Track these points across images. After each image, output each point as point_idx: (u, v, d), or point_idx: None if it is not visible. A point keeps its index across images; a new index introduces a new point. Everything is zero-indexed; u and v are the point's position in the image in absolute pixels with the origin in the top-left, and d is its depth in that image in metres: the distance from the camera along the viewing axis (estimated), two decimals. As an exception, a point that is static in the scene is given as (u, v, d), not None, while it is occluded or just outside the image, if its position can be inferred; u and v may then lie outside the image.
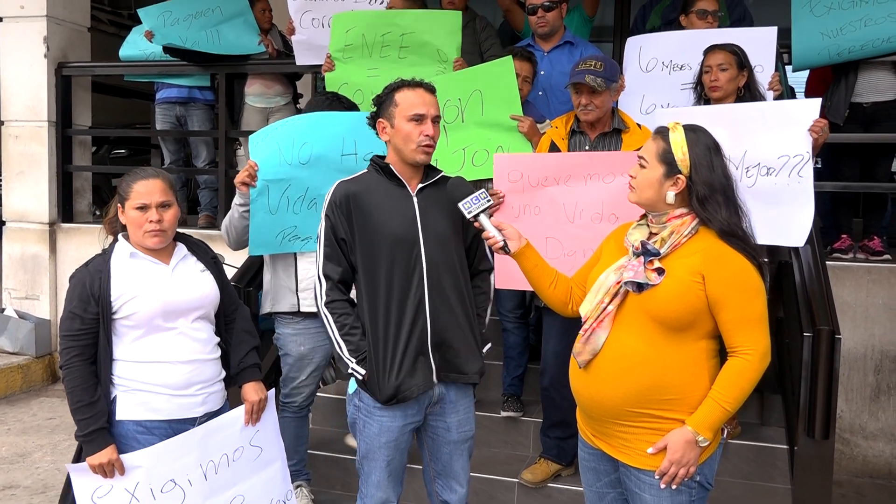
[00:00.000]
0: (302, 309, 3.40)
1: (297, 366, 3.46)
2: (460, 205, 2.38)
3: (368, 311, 2.53)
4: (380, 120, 2.59)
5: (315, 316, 3.38)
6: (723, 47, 3.53)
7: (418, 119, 2.51)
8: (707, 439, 2.09)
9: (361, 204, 2.54)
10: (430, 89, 2.58)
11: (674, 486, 2.12)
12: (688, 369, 2.12)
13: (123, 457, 2.43)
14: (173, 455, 2.48)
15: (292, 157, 3.26)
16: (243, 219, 3.30)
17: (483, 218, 2.38)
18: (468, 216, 2.38)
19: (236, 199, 3.30)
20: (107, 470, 2.40)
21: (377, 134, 2.64)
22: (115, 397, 2.49)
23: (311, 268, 3.38)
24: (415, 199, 2.58)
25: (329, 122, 3.33)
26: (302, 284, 3.40)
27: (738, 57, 3.51)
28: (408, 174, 2.59)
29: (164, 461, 2.47)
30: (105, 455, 2.40)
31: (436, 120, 2.55)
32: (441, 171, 2.68)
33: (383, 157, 2.64)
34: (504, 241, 2.35)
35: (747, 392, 2.10)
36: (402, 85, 2.57)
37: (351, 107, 3.56)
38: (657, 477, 2.12)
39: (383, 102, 2.58)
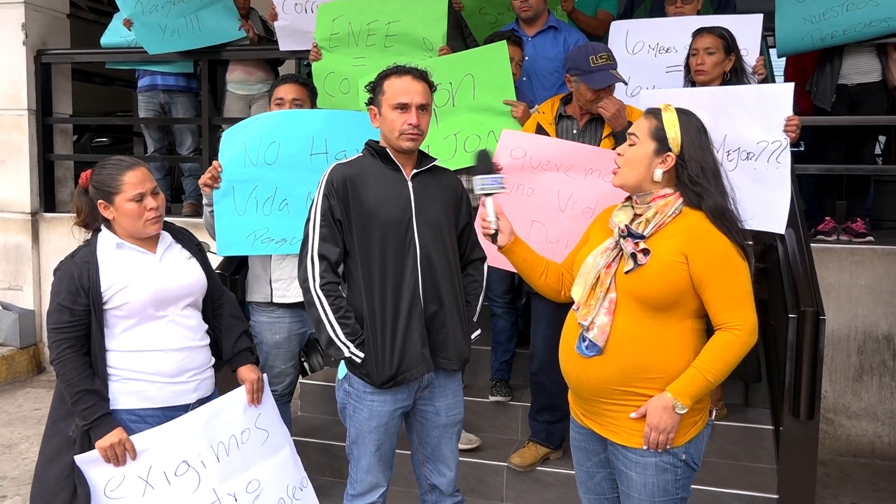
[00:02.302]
0: (275, 300, 3.38)
1: (273, 354, 3.44)
2: (478, 177, 2.35)
3: (365, 294, 2.52)
4: (371, 107, 2.60)
5: (288, 306, 3.37)
6: (711, 31, 3.54)
7: (402, 108, 2.51)
8: (685, 406, 2.10)
9: (357, 186, 2.53)
10: (419, 76, 2.56)
11: (659, 450, 2.14)
12: (672, 348, 2.15)
13: (133, 437, 2.41)
14: (181, 435, 2.47)
15: (258, 157, 3.21)
16: (214, 217, 3.27)
17: (489, 201, 2.37)
18: (479, 191, 2.35)
19: (204, 200, 3.26)
20: (118, 452, 2.38)
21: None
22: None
23: (285, 258, 3.36)
24: (410, 184, 2.58)
25: (298, 120, 3.27)
26: (275, 275, 3.38)
27: (726, 41, 3.50)
28: (402, 159, 2.59)
29: (172, 441, 2.45)
30: (115, 435, 2.38)
31: (423, 108, 2.54)
32: (435, 159, 2.68)
33: (377, 142, 2.64)
34: (496, 231, 2.36)
35: (731, 366, 2.12)
36: (392, 72, 2.56)
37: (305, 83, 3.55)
38: (644, 446, 2.15)
39: (375, 89, 2.59)
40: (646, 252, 2.13)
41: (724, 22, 3.71)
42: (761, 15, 3.86)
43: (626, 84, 3.31)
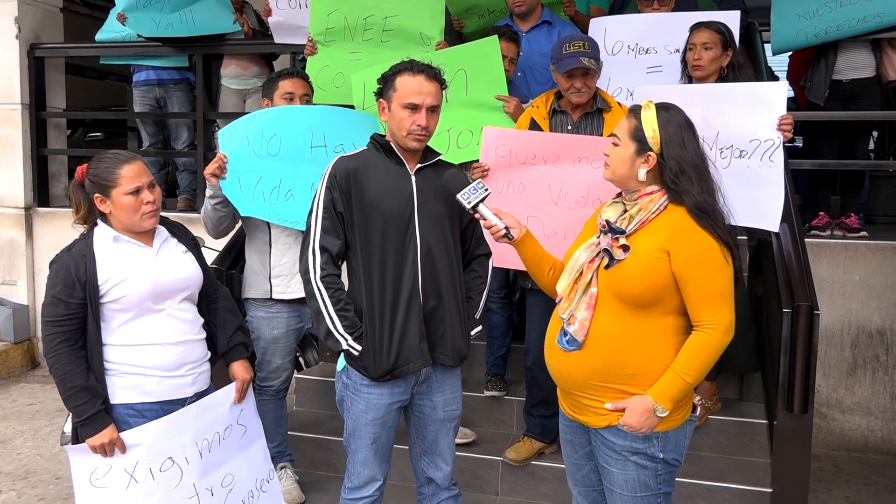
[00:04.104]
0: (274, 296, 3.38)
1: (271, 349, 3.44)
2: (459, 196, 2.36)
3: (365, 288, 2.52)
4: (380, 100, 2.59)
5: (287, 302, 3.37)
6: (709, 25, 3.51)
7: (413, 108, 2.50)
8: (666, 409, 2.12)
9: (360, 180, 2.53)
10: (433, 76, 2.54)
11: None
12: (652, 346, 2.16)
13: (123, 434, 2.41)
14: (172, 432, 2.47)
15: (261, 149, 3.26)
16: (216, 211, 3.28)
17: (482, 207, 2.37)
18: (468, 207, 2.36)
19: (207, 191, 3.27)
20: (108, 450, 2.39)
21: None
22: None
23: (284, 254, 3.37)
24: (413, 179, 2.57)
25: (297, 115, 3.33)
26: (275, 271, 3.38)
27: (724, 36, 3.48)
28: (406, 154, 2.59)
29: (163, 438, 2.46)
30: (106, 435, 2.38)
31: (433, 109, 2.54)
32: (440, 154, 2.68)
33: (383, 136, 2.63)
34: (506, 228, 2.35)
35: (708, 365, 2.14)
36: (405, 68, 2.54)
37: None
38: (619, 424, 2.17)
39: (386, 82, 2.56)
40: (625, 248, 2.14)
41: (700, 18, 3.68)
42: (738, 12, 3.82)
43: (595, 69, 3.26)
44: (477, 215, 2.39)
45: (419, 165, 2.59)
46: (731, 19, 3.78)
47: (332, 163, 2.58)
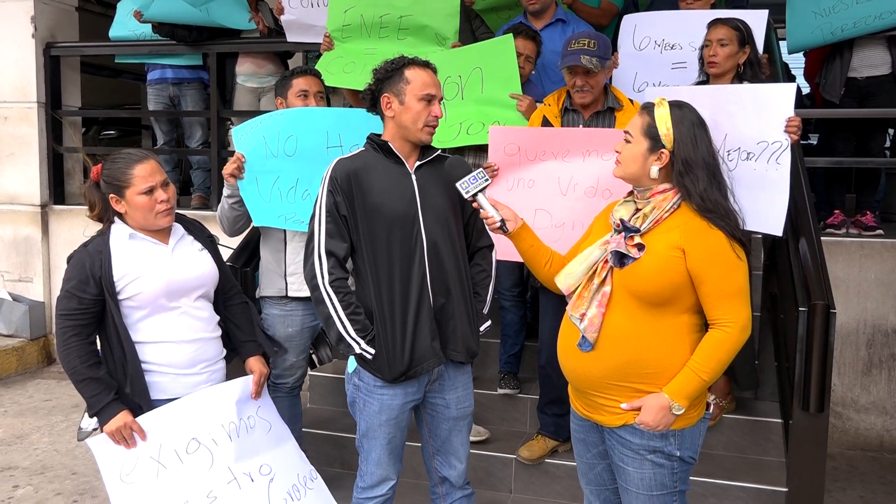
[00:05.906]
0: (290, 294, 3.39)
1: (285, 347, 3.45)
2: (458, 184, 2.38)
3: (374, 290, 2.51)
4: (385, 95, 2.55)
5: (302, 299, 3.38)
6: (726, 22, 3.47)
7: (430, 99, 2.51)
8: (682, 407, 2.12)
9: (361, 181, 2.52)
10: (436, 70, 2.58)
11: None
12: (668, 344, 2.15)
13: (140, 419, 2.43)
14: (187, 413, 2.48)
15: (278, 149, 3.27)
16: (233, 210, 3.29)
17: (481, 197, 2.38)
18: (466, 195, 2.38)
19: (225, 191, 3.29)
20: (125, 434, 2.40)
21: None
22: None
23: (300, 252, 3.36)
24: (413, 177, 2.57)
25: (313, 116, 3.34)
26: (290, 269, 3.39)
27: (741, 33, 3.44)
28: (406, 152, 2.58)
29: (179, 419, 2.47)
30: (121, 419, 2.40)
31: (441, 101, 2.57)
32: (437, 150, 2.67)
33: (379, 135, 2.62)
34: (502, 220, 2.35)
35: (725, 363, 2.14)
36: (411, 62, 2.54)
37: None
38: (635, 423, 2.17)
39: (391, 77, 2.54)
40: (640, 247, 2.14)
41: (725, 15, 3.66)
42: (766, 11, 3.80)
43: (596, 68, 3.26)
44: (475, 204, 2.40)
45: (418, 163, 2.59)
46: (759, 18, 3.76)
47: (331, 165, 2.56)
